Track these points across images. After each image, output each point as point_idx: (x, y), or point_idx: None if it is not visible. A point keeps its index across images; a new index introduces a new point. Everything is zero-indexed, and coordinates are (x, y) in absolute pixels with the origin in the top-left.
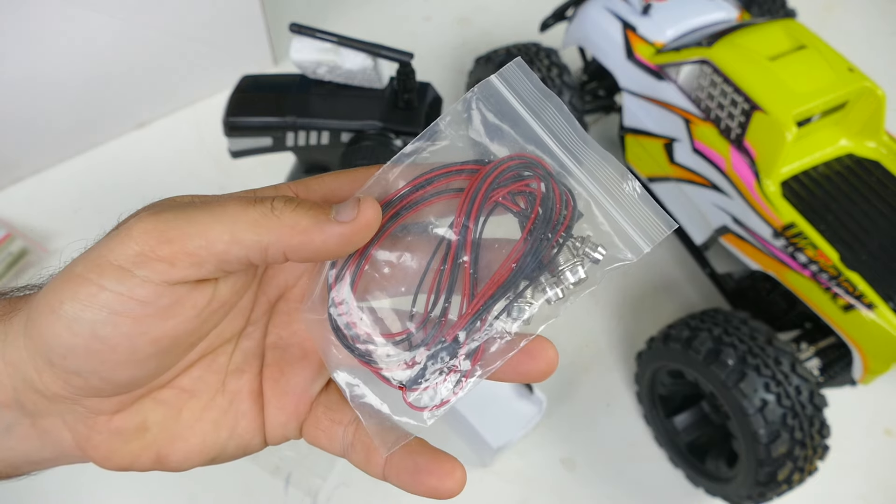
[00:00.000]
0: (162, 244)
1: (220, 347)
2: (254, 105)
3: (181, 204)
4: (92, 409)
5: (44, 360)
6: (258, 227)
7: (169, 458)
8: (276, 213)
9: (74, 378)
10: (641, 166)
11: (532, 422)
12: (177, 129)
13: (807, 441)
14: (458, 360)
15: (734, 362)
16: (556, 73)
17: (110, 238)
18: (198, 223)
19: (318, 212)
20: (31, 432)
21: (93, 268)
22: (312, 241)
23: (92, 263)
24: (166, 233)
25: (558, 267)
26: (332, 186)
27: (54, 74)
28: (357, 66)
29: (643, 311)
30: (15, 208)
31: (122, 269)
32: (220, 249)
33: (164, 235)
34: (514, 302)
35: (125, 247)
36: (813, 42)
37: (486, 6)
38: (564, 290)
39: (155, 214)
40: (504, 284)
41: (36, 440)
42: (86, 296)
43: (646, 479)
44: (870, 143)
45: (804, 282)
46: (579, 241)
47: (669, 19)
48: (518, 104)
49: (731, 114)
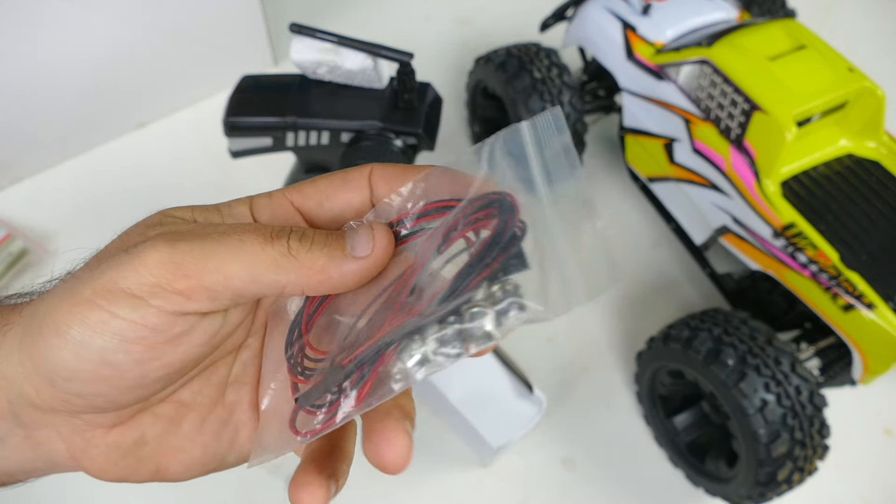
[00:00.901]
0: (179, 278)
1: (221, 360)
2: (254, 105)
3: (196, 233)
4: (89, 422)
5: (45, 380)
6: (277, 267)
7: (169, 469)
8: (293, 253)
9: (76, 398)
10: (641, 166)
11: (532, 422)
12: (177, 129)
13: (807, 441)
14: (347, 389)
15: (734, 362)
16: (556, 73)
17: (120, 262)
18: (215, 258)
19: (333, 248)
20: (25, 444)
21: (104, 293)
22: (330, 279)
23: (102, 289)
24: (183, 266)
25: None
26: (326, 192)
27: (54, 74)
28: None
29: (643, 311)
30: (15, 208)
31: (135, 297)
32: (238, 287)
33: (181, 269)
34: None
35: (139, 276)
36: (813, 42)
37: (486, 6)
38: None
39: (171, 244)
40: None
41: (29, 451)
42: (96, 322)
43: (646, 479)
44: (870, 143)
45: (804, 282)
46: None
47: (669, 19)
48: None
49: (731, 114)
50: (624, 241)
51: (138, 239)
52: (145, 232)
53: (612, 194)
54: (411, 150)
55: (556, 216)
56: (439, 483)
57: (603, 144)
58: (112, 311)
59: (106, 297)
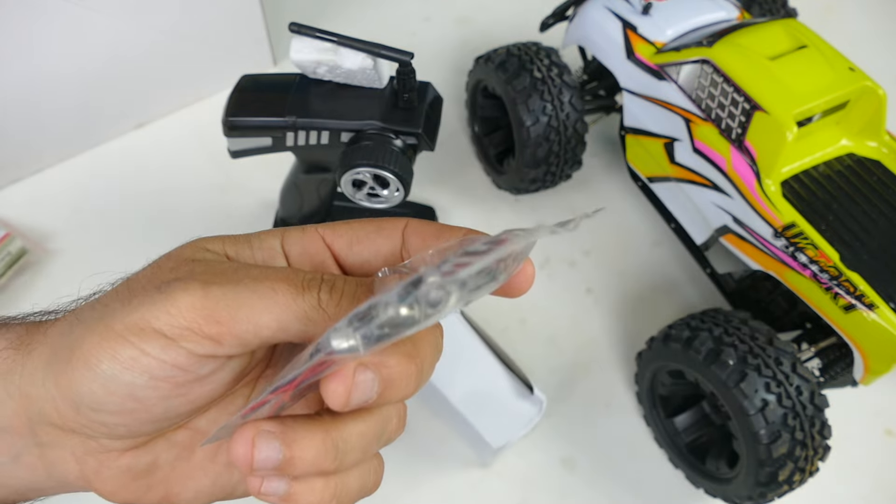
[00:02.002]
0: (210, 324)
1: (239, 390)
2: (253, 105)
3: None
4: (105, 446)
5: (70, 406)
6: (306, 320)
7: (178, 496)
8: (322, 307)
9: (99, 426)
10: (642, 166)
11: (532, 422)
12: (176, 129)
13: (808, 441)
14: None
15: (735, 362)
16: (557, 73)
17: (153, 301)
18: (246, 307)
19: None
20: (39, 463)
21: (135, 331)
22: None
23: (134, 326)
24: (215, 313)
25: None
26: (358, 235)
27: (53, 74)
28: (357, 65)
29: (643, 311)
30: (14, 208)
31: (166, 338)
32: (267, 335)
33: (213, 316)
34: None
35: (171, 318)
36: (814, 41)
37: (486, 6)
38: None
39: (203, 289)
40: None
41: (42, 470)
42: (126, 359)
43: (646, 480)
44: (871, 142)
45: (805, 282)
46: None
47: (670, 19)
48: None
49: (732, 113)
50: (624, 241)
51: (171, 275)
52: (178, 267)
53: (612, 194)
54: (411, 150)
55: None
56: (439, 483)
57: (603, 144)
58: (143, 349)
59: (137, 334)
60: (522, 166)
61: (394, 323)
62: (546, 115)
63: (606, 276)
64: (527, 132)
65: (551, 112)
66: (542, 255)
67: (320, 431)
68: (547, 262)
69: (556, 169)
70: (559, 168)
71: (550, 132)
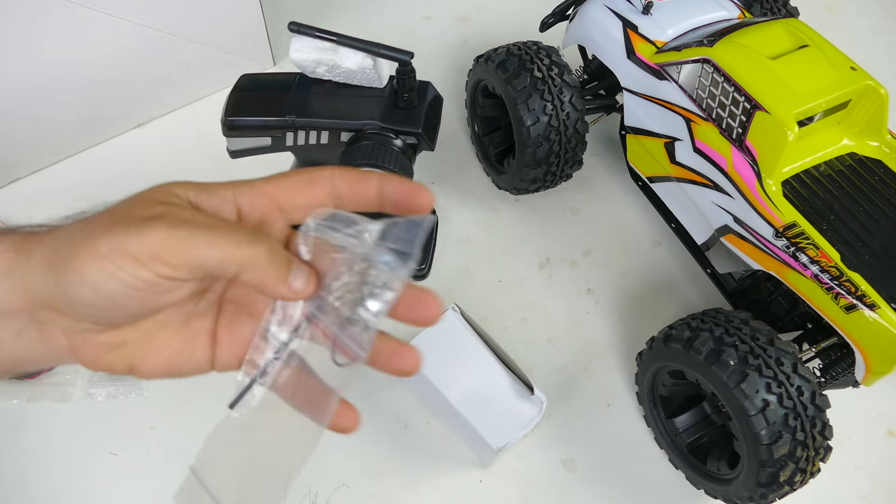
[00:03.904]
0: (170, 255)
1: (192, 298)
2: (252, 104)
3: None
4: (87, 327)
5: (65, 301)
6: (241, 266)
7: (139, 368)
8: (256, 260)
9: (86, 316)
10: (642, 166)
11: (532, 422)
12: (175, 129)
13: (809, 442)
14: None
15: (735, 363)
16: (557, 72)
17: (130, 232)
18: (199, 247)
19: (282, 272)
20: (37, 336)
21: (116, 253)
22: (267, 289)
23: (116, 249)
24: (174, 247)
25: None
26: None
27: (53, 74)
28: (356, 65)
29: (643, 311)
30: (13, 208)
31: (139, 261)
32: (211, 270)
33: (172, 248)
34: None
35: (142, 246)
36: (815, 41)
37: (487, 5)
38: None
39: (168, 229)
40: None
41: (40, 343)
42: (108, 273)
43: (646, 480)
44: (872, 142)
45: (806, 282)
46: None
47: (670, 18)
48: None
49: (733, 113)
50: (624, 240)
51: (145, 212)
52: (151, 207)
53: (612, 194)
54: (411, 150)
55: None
56: (440, 484)
57: (604, 144)
58: (121, 267)
59: (118, 256)
60: (523, 166)
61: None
62: (546, 114)
63: (606, 276)
64: (527, 132)
65: (551, 111)
66: (542, 255)
67: None
68: (547, 262)
69: (556, 168)
70: (559, 168)
71: (551, 132)
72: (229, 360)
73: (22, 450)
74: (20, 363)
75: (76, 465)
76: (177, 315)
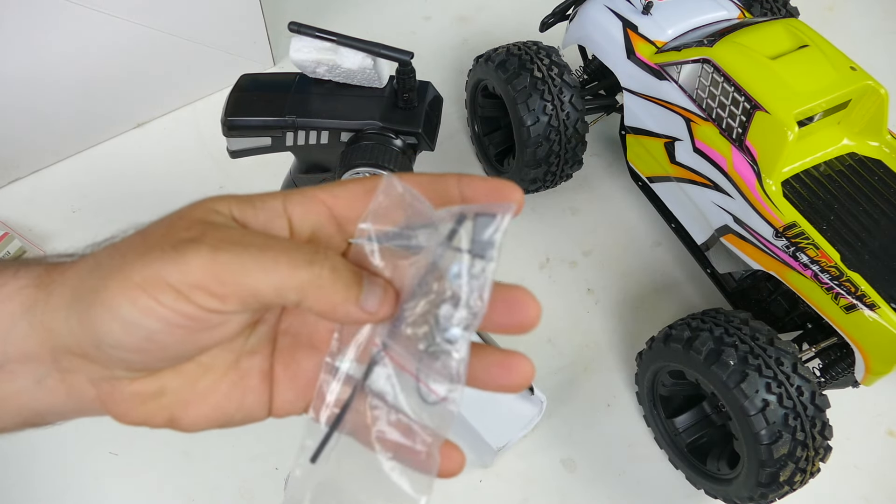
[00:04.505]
0: (216, 284)
1: (241, 333)
2: (253, 105)
3: (238, 242)
4: (119, 374)
5: (92, 343)
6: (301, 292)
7: (181, 420)
8: (318, 283)
9: (117, 361)
10: (642, 166)
11: (532, 422)
12: (176, 129)
13: (809, 442)
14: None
15: (735, 363)
16: (557, 73)
17: (167, 258)
18: (250, 274)
19: (349, 293)
20: (60, 386)
21: (151, 283)
22: (336, 315)
23: (151, 278)
24: (221, 276)
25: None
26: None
27: (53, 74)
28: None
29: (643, 311)
30: (13, 208)
31: (179, 292)
32: (265, 300)
33: (219, 278)
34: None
35: (182, 275)
36: (815, 41)
37: (487, 5)
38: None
39: (213, 252)
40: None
41: (63, 394)
42: (144, 307)
43: (646, 480)
44: (872, 141)
45: (806, 282)
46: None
47: (670, 18)
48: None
49: (733, 113)
50: (624, 241)
51: (184, 234)
52: (191, 227)
53: (612, 194)
54: (411, 150)
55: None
56: (439, 484)
57: (604, 144)
58: (159, 300)
59: (153, 287)
60: (523, 166)
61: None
62: (546, 114)
63: (607, 276)
64: (527, 132)
65: (551, 112)
66: (542, 255)
67: None
68: (547, 262)
69: (556, 168)
70: (559, 168)
71: (551, 132)
72: (292, 403)
73: (22, 450)
74: (40, 415)
75: (76, 465)
76: (224, 354)
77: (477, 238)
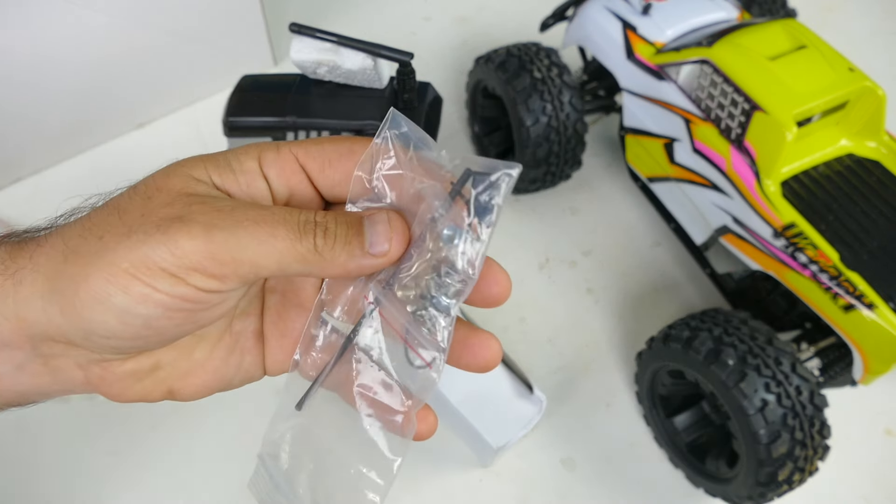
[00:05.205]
0: (214, 265)
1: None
2: (253, 105)
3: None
4: (108, 357)
5: (79, 334)
6: (304, 261)
7: (181, 391)
8: (318, 251)
9: (109, 348)
10: (641, 166)
11: (532, 422)
12: (176, 129)
13: (807, 441)
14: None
15: (734, 362)
16: (556, 73)
17: (155, 241)
18: (248, 250)
19: (353, 246)
20: (43, 370)
21: (142, 269)
22: (349, 272)
23: (140, 264)
24: (218, 255)
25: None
26: (331, 157)
27: (53, 74)
28: (357, 66)
29: (643, 311)
30: (14, 208)
31: (174, 276)
32: (267, 273)
33: (216, 258)
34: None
35: (176, 258)
36: (813, 42)
37: (487, 6)
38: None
39: (206, 233)
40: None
41: (47, 376)
42: (139, 295)
43: (646, 480)
44: (870, 142)
45: (804, 282)
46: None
47: (670, 19)
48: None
49: (732, 114)
50: (624, 241)
51: (167, 210)
52: (173, 202)
53: (612, 194)
54: None
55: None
56: (439, 483)
57: (603, 144)
58: (154, 285)
59: (144, 272)
60: (522, 166)
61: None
62: (546, 115)
63: (606, 276)
64: (527, 132)
65: (551, 112)
66: (542, 255)
67: None
68: (547, 262)
69: (556, 169)
70: (559, 168)
71: (550, 132)
72: (282, 363)
73: (22, 450)
74: (25, 396)
75: (76, 465)
76: (222, 324)
77: (478, 200)
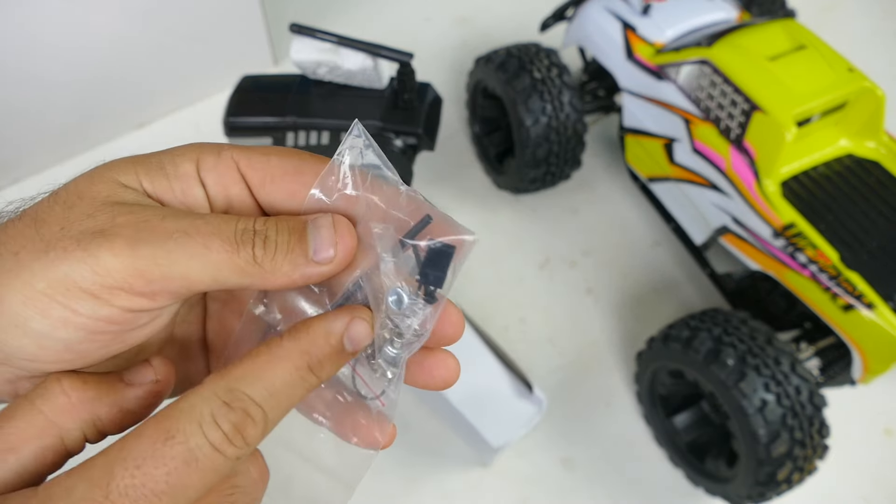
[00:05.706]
0: (141, 282)
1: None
2: (254, 105)
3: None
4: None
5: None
6: (243, 275)
7: None
8: (258, 262)
9: (32, 369)
10: (641, 166)
11: (532, 422)
12: (176, 130)
13: (806, 441)
14: None
15: (734, 362)
16: (556, 74)
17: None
18: (179, 265)
19: (296, 255)
20: None
21: (60, 290)
22: (293, 283)
23: (59, 284)
24: (146, 273)
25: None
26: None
27: (54, 74)
28: (357, 66)
29: (643, 311)
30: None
31: (96, 297)
32: (201, 289)
33: (144, 275)
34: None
35: (98, 277)
36: (813, 42)
37: (486, 6)
38: None
39: (131, 248)
40: None
41: None
42: (58, 319)
43: (646, 479)
44: (869, 143)
45: (804, 282)
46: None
47: (669, 19)
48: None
49: (731, 114)
50: (624, 241)
51: (89, 223)
52: (96, 213)
53: (612, 194)
54: (411, 150)
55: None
56: (439, 483)
57: (603, 144)
58: (73, 308)
59: (64, 294)
60: (522, 166)
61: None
62: (546, 115)
63: (606, 276)
64: (527, 132)
65: (551, 112)
66: (542, 256)
67: None
68: (547, 263)
69: (555, 169)
70: (559, 168)
71: (550, 132)
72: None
73: None
74: None
75: None
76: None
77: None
